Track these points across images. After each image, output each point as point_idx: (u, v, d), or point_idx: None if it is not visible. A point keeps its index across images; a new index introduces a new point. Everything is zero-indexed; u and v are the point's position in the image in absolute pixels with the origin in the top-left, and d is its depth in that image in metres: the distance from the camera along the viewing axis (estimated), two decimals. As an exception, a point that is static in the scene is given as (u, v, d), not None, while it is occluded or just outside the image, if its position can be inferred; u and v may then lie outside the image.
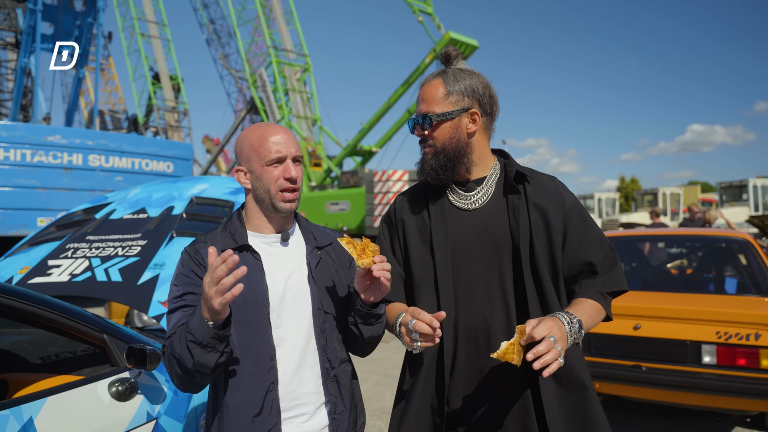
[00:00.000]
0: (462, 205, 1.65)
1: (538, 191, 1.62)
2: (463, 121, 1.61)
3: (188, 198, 3.65)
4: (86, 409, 1.96)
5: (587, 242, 1.62)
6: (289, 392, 1.50)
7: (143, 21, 27.19)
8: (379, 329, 1.56)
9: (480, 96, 1.62)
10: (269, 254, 1.57)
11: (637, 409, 4.78)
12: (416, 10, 19.71)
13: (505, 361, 1.36)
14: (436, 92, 1.61)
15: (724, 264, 5.19)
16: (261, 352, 1.47)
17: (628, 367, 3.87)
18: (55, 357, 2.59)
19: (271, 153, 1.52)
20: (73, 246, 3.40)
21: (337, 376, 1.56)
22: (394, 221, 1.76)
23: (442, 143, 1.61)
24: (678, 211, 23.58)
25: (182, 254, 1.57)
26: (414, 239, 1.68)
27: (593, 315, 1.55)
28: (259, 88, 22.85)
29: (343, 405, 1.57)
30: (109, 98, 36.66)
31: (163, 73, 26.99)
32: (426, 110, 1.62)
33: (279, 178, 1.52)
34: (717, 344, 3.62)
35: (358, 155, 21.86)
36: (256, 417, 1.44)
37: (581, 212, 1.65)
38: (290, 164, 1.54)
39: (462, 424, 1.58)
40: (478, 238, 1.60)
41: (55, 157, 11.01)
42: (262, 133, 1.55)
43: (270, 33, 23.32)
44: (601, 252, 1.63)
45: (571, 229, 1.61)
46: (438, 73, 1.66)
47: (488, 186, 1.65)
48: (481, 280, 1.58)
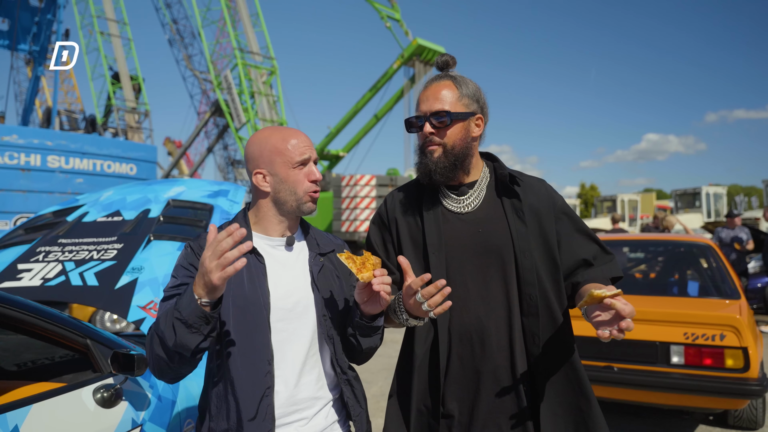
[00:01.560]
0: (455, 209, 1.66)
1: (529, 193, 1.66)
2: (471, 125, 1.65)
3: (165, 201, 3.58)
4: (72, 416, 1.90)
5: (579, 240, 1.68)
6: (288, 398, 1.49)
7: (103, 19, 26.40)
8: (377, 340, 1.57)
9: (482, 104, 1.67)
10: (273, 258, 1.55)
11: (609, 409, 4.91)
12: (384, 16, 19.85)
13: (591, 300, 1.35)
14: (451, 93, 1.62)
15: (686, 268, 5.39)
16: (259, 355, 1.45)
17: (600, 368, 3.98)
18: (32, 363, 2.50)
19: (296, 155, 1.51)
20: (45, 249, 3.28)
21: (349, 381, 1.58)
22: (386, 221, 1.74)
23: (453, 143, 1.61)
24: (636, 218, 24.34)
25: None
26: (407, 241, 1.68)
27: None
28: (224, 90, 22.55)
29: (360, 407, 1.59)
30: (66, 97, 35.47)
31: (123, 73, 26.26)
32: (441, 108, 1.60)
33: (305, 180, 1.53)
34: (685, 345, 3.76)
35: (325, 159, 21.81)
36: (250, 421, 1.41)
37: (570, 213, 1.71)
38: (313, 166, 1.56)
39: (456, 425, 1.59)
40: (472, 241, 1.61)
41: (12, 157, 10.58)
42: (285, 135, 1.54)
43: (236, 35, 23.04)
44: (593, 247, 1.70)
45: (564, 228, 1.67)
46: (444, 76, 1.67)
47: (480, 189, 1.68)
48: (476, 283, 1.59)
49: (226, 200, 3.62)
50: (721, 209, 21.99)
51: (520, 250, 1.58)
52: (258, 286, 1.48)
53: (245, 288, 1.47)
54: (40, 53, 14.21)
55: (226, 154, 34.49)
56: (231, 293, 1.46)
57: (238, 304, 1.46)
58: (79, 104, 34.95)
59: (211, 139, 30.79)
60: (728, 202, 25.09)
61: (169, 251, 3.09)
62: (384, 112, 20.12)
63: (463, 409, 1.58)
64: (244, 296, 1.46)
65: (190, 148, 31.54)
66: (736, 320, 3.66)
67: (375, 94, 20.05)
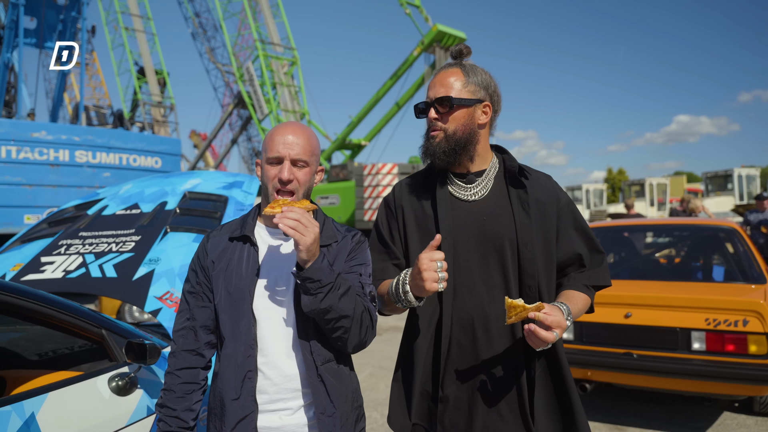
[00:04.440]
0: (462, 196, 1.68)
1: (536, 187, 1.69)
2: (477, 112, 1.66)
3: (181, 193, 3.64)
4: (87, 404, 1.96)
5: (577, 237, 1.72)
6: (272, 385, 1.53)
7: (127, 14, 26.82)
8: (319, 300, 1.42)
9: (492, 92, 1.69)
10: (270, 247, 1.60)
11: (628, 396, 4.86)
12: (404, 3, 19.66)
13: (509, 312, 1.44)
14: (456, 79, 1.65)
15: (711, 252, 5.27)
16: (242, 340, 1.53)
17: (619, 354, 3.93)
18: (53, 353, 2.58)
19: (271, 151, 1.55)
20: (66, 242, 3.38)
21: (321, 376, 1.53)
22: (393, 208, 1.77)
23: (455, 128, 1.64)
24: (665, 201, 23.82)
25: (200, 246, 1.69)
26: (412, 228, 1.71)
27: (581, 308, 1.66)
28: (246, 82, 22.72)
29: (333, 407, 1.53)
30: (94, 93, 36.20)
31: (148, 68, 26.68)
32: (445, 93, 1.64)
33: (275, 177, 1.54)
34: (706, 331, 3.69)
35: (347, 149, 21.84)
36: (234, 401, 1.51)
37: (573, 210, 1.75)
38: (287, 166, 1.53)
39: (456, 409, 1.61)
40: (477, 229, 1.64)
41: (42, 153, 10.89)
42: (276, 130, 1.58)
43: (256, 26, 23.15)
44: (589, 246, 1.73)
45: (564, 224, 1.71)
46: (455, 64, 1.70)
47: (488, 179, 1.70)
48: (480, 270, 1.62)
49: (240, 191, 3.67)
50: (754, 192, 21.36)
51: (523, 242, 1.61)
52: (248, 275, 1.55)
53: (237, 275, 1.56)
54: (66, 50, 14.51)
55: (250, 146, 34.82)
56: (224, 280, 1.56)
57: (230, 290, 1.56)
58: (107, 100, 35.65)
59: (235, 130, 31.09)
60: (762, 185, 24.36)
61: (185, 242, 3.15)
62: (405, 99, 20.00)
63: (463, 394, 1.61)
64: (234, 281, 1.56)
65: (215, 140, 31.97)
66: (760, 305, 3.57)
67: (396, 81, 19.93)
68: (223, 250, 1.61)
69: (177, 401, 1.59)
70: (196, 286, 1.63)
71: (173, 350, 1.64)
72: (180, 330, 1.64)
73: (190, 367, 1.62)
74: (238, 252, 1.59)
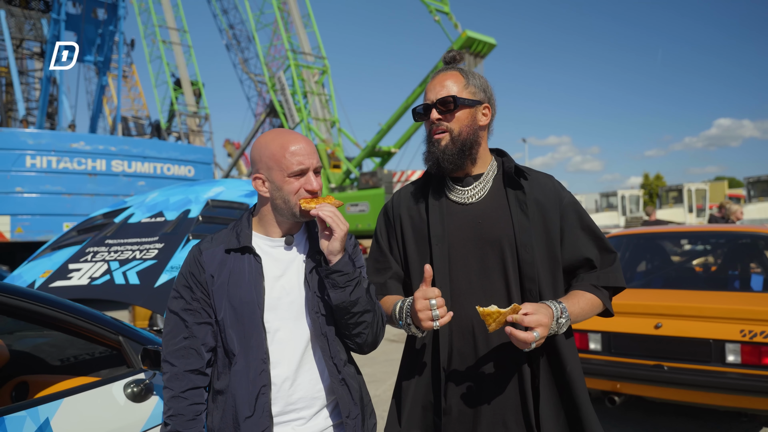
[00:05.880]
0: (459, 200, 1.66)
1: (535, 187, 1.64)
2: (479, 113, 1.64)
3: (204, 201, 3.70)
4: (102, 410, 1.99)
5: (584, 239, 1.64)
6: (284, 397, 1.50)
7: (164, 28, 27.60)
8: (348, 293, 1.47)
9: (489, 95, 1.68)
10: (271, 257, 1.56)
11: (660, 410, 4.69)
12: (433, 10, 19.67)
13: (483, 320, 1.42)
14: (456, 81, 1.62)
15: (750, 261, 5.06)
16: (254, 355, 1.47)
17: (649, 366, 3.79)
18: (74, 359, 2.64)
19: (293, 165, 1.48)
20: (93, 250, 3.46)
21: (345, 380, 1.55)
22: (391, 217, 1.75)
23: (460, 129, 1.61)
24: (704, 207, 23.11)
25: (189, 252, 1.60)
26: (410, 234, 1.69)
27: (586, 308, 1.57)
28: (278, 91, 23.05)
29: (357, 409, 1.56)
30: (133, 105, 37.30)
31: (184, 79, 27.37)
32: (447, 93, 1.60)
33: (300, 189, 1.50)
34: (741, 343, 3.53)
35: (377, 156, 21.90)
36: (248, 419, 1.45)
37: (578, 210, 1.67)
38: (312, 176, 1.51)
39: (459, 422, 1.57)
40: (473, 232, 1.61)
41: (80, 163, 11.27)
42: (284, 142, 1.51)
43: (288, 36, 23.49)
44: (599, 247, 1.65)
45: (568, 225, 1.63)
46: (451, 67, 1.69)
47: (485, 182, 1.67)
48: (478, 275, 1.58)
49: (262, 199, 3.70)
50: (800, 197, 20.51)
51: (521, 244, 1.56)
52: (254, 287, 1.50)
53: (242, 289, 1.50)
54: (104, 63, 15.02)
55: (282, 154, 35.20)
56: (228, 294, 1.50)
57: (234, 303, 1.49)
58: (145, 110, 36.69)
59: (267, 139, 31.47)
60: (808, 190, 23.35)
61: (206, 250, 3.19)
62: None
63: (466, 405, 1.56)
64: (238, 296, 1.49)
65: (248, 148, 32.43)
66: (799, 317, 3.40)
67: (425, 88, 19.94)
68: (220, 263, 1.54)
69: (188, 425, 1.50)
70: (193, 303, 1.54)
71: (174, 372, 1.52)
72: (178, 350, 1.53)
73: (195, 387, 1.53)
74: (238, 264, 1.53)
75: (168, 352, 1.54)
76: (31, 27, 18.42)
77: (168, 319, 1.57)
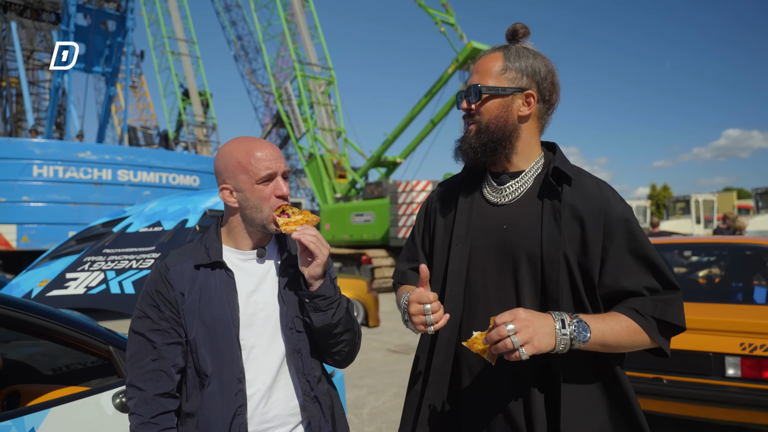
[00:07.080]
0: (492, 199, 1.49)
1: (577, 194, 1.39)
2: (516, 102, 1.44)
3: (202, 211, 3.71)
4: (89, 420, 1.99)
5: (632, 265, 1.34)
6: (260, 415, 1.45)
7: (173, 39, 27.93)
8: (330, 317, 1.43)
9: (540, 79, 1.44)
10: (244, 271, 1.50)
11: (659, 424, 4.62)
12: (438, 21, 19.79)
13: (476, 353, 1.30)
14: (493, 65, 1.44)
15: (753, 273, 5.01)
16: (229, 374, 1.42)
17: (648, 379, 3.75)
18: (66, 368, 2.65)
19: (261, 170, 1.42)
20: (91, 259, 3.48)
21: (317, 397, 1.50)
22: (429, 211, 1.65)
23: (488, 121, 1.43)
24: (712, 219, 22.93)
25: (153, 268, 1.50)
26: (440, 232, 1.57)
27: (620, 332, 1.29)
28: (284, 101, 23.20)
29: (329, 425, 1.51)
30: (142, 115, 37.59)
31: (192, 90, 27.63)
32: (477, 81, 1.44)
33: (271, 196, 1.44)
34: (741, 356, 3.49)
35: (382, 166, 21.94)
36: None
37: (631, 228, 1.36)
38: (280, 181, 1.45)
39: (469, 428, 1.46)
40: (498, 238, 1.44)
41: (86, 172, 11.36)
42: (249, 149, 1.45)
43: (295, 47, 23.67)
44: (646, 278, 1.34)
45: (614, 246, 1.35)
46: (499, 47, 1.49)
47: (524, 181, 1.47)
48: (495, 287, 1.43)
49: (259, 210, 3.71)
50: (810, 208, 20.33)
51: (548, 259, 1.36)
52: (228, 303, 1.44)
53: (214, 306, 1.44)
54: (112, 74, 15.20)
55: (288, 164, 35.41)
56: (200, 312, 1.44)
57: (208, 322, 1.43)
58: (153, 121, 36.99)
59: (274, 149, 31.66)
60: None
61: (202, 260, 3.20)
62: (440, 117, 20.00)
63: (478, 419, 1.45)
64: (212, 314, 1.43)
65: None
66: (800, 330, 3.36)
67: (430, 99, 19.97)
68: (190, 279, 1.45)
69: None
70: (161, 323, 1.44)
71: (143, 397, 1.42)
72: (146, 372, 1.43)
73: (166, 411, 1.43)
74: (209, 280, 1.46)
75: (134, 376, 1.45)
76: (41, 38, 18.70)
77: (132, 341, 1.47)
